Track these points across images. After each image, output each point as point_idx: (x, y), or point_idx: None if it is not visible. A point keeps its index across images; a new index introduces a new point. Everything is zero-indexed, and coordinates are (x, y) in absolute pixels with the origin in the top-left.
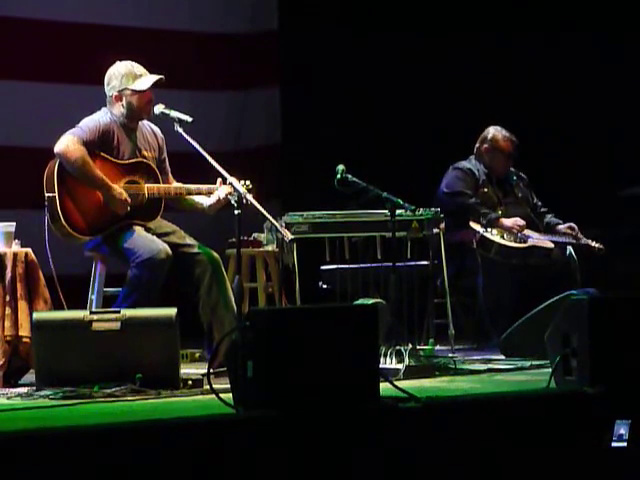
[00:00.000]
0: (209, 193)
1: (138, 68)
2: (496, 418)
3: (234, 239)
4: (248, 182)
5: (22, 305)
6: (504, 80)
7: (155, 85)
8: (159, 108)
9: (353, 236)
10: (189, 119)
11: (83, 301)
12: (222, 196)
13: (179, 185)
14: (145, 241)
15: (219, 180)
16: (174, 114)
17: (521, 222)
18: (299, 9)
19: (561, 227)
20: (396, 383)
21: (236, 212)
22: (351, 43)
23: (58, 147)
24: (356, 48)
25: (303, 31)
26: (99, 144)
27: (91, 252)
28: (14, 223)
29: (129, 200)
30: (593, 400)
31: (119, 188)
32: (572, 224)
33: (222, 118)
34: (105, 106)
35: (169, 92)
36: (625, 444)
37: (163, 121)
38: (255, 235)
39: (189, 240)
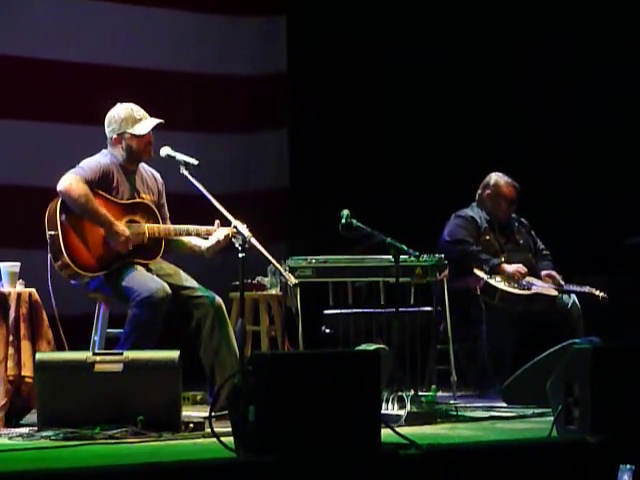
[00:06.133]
0: (207, 234)
1: (138, 112)
2: (497, 466)
3: (238, 282)
4: (245, 226)
5: (25, 345)
6: (509, 123)
7: (156, 127)
8: (165, 150)
9: (357, 281)
10: (195, 162)
11: (85, 341)
12: (221, 238)
13: (178, 226)
14: (144, 279)
15: (217, 222)
16: (180, 157)
17: (523, 270)
18: (308, 51)
19: (542, 273)
20: (397, 429)
21: (240, 255)
22: (360, 85)
23: (61, 185)
24: (365, 92)
25: (312, 73)
26: (99, 184)
27: (94, 293)
28: (18, 263)
29: (131, 237)
30: (595, 449)
31: (122, 225)
32: (551, 272)
33: (230, 160)
34: (106, 147)
35: (177, 134)
36: None
37: (169, 163)
38: (259, 278)
39: (191, 282)
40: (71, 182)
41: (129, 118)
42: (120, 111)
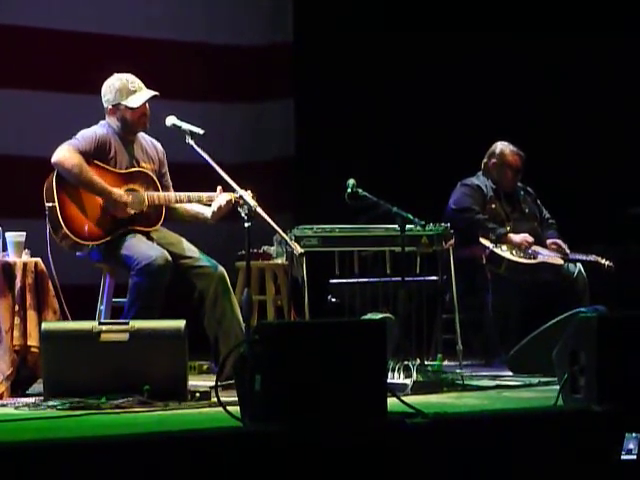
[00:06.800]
0: (209, 201)
1: (133, 83)
2: (503, 435)
3: (244, 252)
4: (249, 191)
5: (31, 315)
6: (515, 93)
7: (156, 98)
8: (170, 120)
9: (363, 250)
10: (200, 131)
11: (87, 312)
12: (223, 204)
13: (179, 193)
14: (143, 247)
15: (219, 188)
16: (185, 126)
17: (530, 239)
18: (314, 21)
19: (548, 242)
20: (404, 398)
21: (246, 225)
22: (366, 55)
23: (55, 157)
24: (371, 61)
25: (318, 43)
26: (96, 154)
27: (99, 264)
28: (24, 233)
29: (129, 201)
30: (600, 418)
31: (119, 191)
32: (557, 241)
33: (236, 130)
34: (104, 118)
35: (182, 103)
36: (634, 457)
37: (174, 132)
38: (265, 248)
39: (193, 252)
40: (64, 153)
41: (123, 89)
42: (115, 82)
